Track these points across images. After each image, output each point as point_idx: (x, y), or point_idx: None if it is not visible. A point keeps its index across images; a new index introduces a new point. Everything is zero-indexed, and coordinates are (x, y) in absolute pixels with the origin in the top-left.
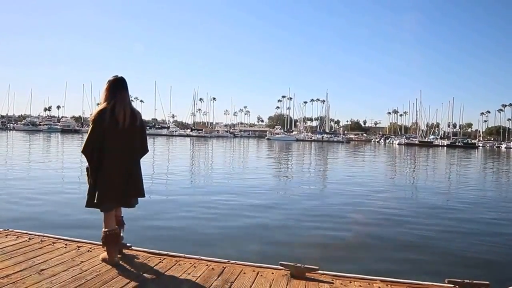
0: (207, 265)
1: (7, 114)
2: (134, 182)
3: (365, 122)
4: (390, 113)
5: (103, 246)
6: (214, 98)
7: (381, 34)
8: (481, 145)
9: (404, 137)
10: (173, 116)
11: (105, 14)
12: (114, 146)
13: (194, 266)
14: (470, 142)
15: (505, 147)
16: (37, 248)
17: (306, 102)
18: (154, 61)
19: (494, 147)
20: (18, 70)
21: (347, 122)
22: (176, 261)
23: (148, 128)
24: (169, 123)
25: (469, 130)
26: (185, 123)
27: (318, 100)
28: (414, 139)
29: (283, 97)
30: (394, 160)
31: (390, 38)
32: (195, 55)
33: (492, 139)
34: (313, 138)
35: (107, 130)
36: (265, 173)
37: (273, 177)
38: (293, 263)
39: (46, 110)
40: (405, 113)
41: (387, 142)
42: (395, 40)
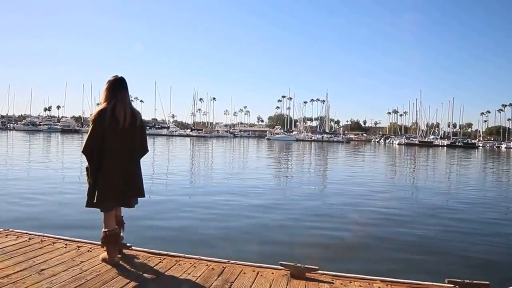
0: (207, 265)
1: (7, 114)
2: (134, 182)
3: (365, 122)
4: (390, 113)
5: (102, 246)
6: (214, 98)
7: (381, 34)
8: (481, 145)
9: (404, 137)
10: (173, 116)
11: (105, 14)
12: (114, 146)
13: (194, 266)
14: (470, 142)
15: (505, 147)
16: (37, 248)
17: (306, 102)
18: (154, 61)
19: (494, 147)
20: (18, 70)
21: (347, 122)
22: (176, 261)
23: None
24: (169, 123)
25: (469, 130)
26: (185, 123)
27: (318, 100)
28: (414, 139)
29: (283, 97)
30: (394, 160)
31: (390, 38)
32: (195, 55)
33: (492, 139)
34: (313, 138)
35: (108, 130)
36: (265, 173)
37: (273, 177)
38: (293, 263)
39: (46, 110)
40: (405, 113)
41: (387, 142)
42: (395, 40)
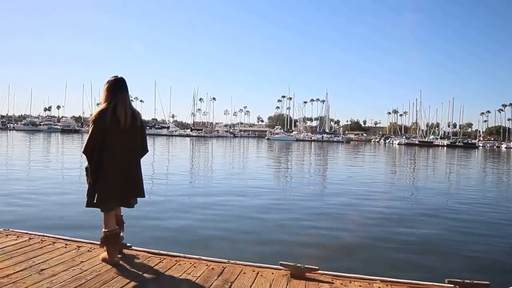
0: (207, 265)
1: (7, 114)
2: (135, 182)
3: (365, 122)
4: (390, 113)
5: (102, 246)
6: (214, 98)
7: (381, 34)
8: (481, 145)
9: (404, 137)
10: (173, 116)
11: (105, 13)
12: (114, 146)
13: (194, 266)
14: (470, 142)
15: (505, 147)
16: (37, 248)
17: (306, 102)
18: (154, 60)
19: (494, 147)
20: (18, 70)
21: (347, 122)
22: (176, 261)
23: (148, 128)
24: (169, 123)
25: (469, 130)
26: (185, 123)
27: (318, 100)
28: (414, 139)
29: (283, 97)
30: (394, 160)
31: (390, 38)
32: (195, 55)
33: (492, 139)
34: (313, 138)
35: (108, 130)
36: (265, 173)
37: (273, 177)
38: (293, 263)
39: (46, 110)
40: (405, 113)
41: (387, 142)
42: (395, 39)
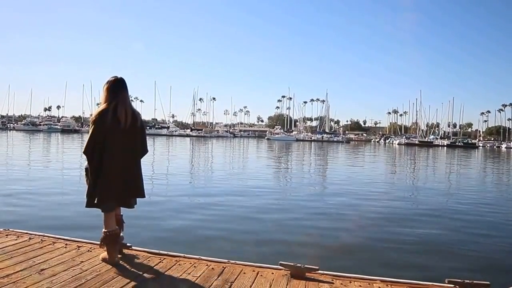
0: (207, 265)
1: (7, 114)
2: (135, 182)
3: (365, 122)
4: (390, 113)
5: (101, 246)
6: (214, 98)
7: (381, 34)
8: (481, 145)
9: (404, 137)
10: (173, 116)
11: (105, 12)
12: (115, 147)
13: (194, 266)
14: (470, 142)
15: (505, 147)
16: (37, 248)
17: (306, 102)
18: (154, 60)
19: (494, 147)
20: (18, 70)
21: (347, 122)
22: (176, 261)
23: (148, 128)
24: (169, 123)
25: (469, 130)
26: (185, 123)
27: (318, 100)
28: (414, 139)
29: (283, 97)
30: (394, 160)
31: (390, 37)
32: (195, 55)
33: (492, 139)
34: (313, 138)
35: (109, 131)
36: (264, 173)
37: (273, 177)
38: (293, 263)
39: (46, 110)
40: (405, 113)
41: (387, 142)
42: (395, 39)
